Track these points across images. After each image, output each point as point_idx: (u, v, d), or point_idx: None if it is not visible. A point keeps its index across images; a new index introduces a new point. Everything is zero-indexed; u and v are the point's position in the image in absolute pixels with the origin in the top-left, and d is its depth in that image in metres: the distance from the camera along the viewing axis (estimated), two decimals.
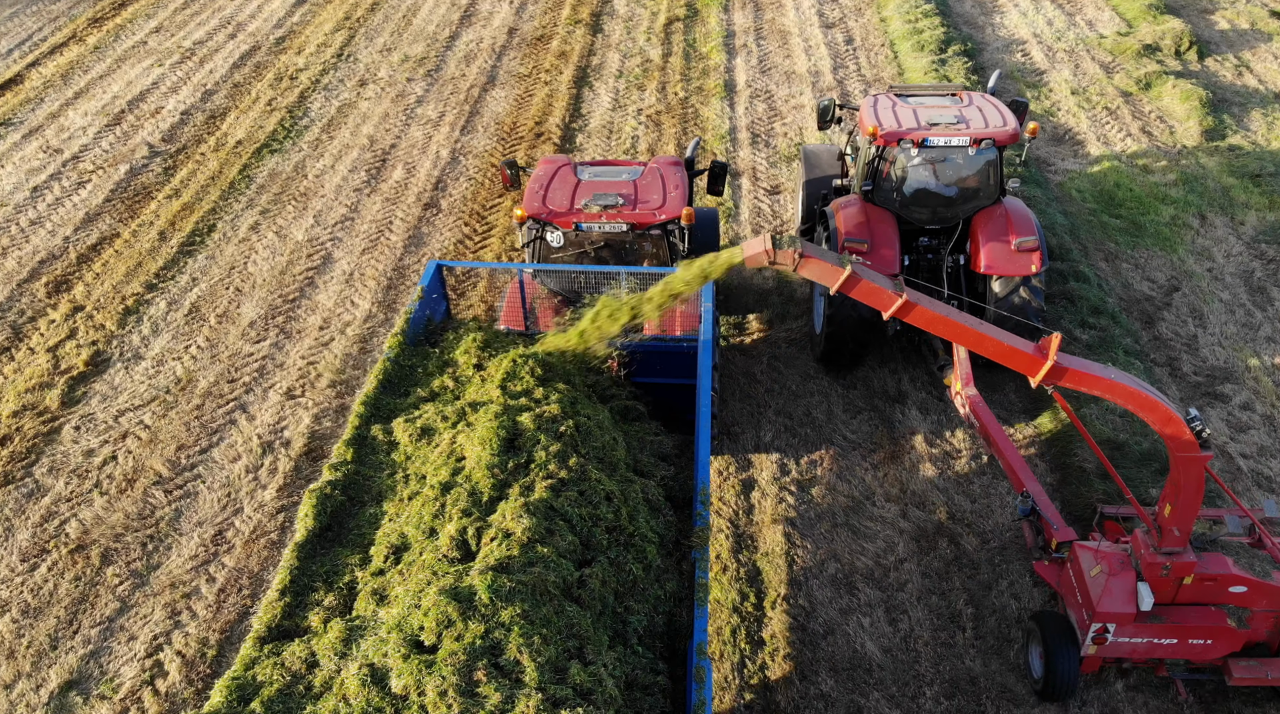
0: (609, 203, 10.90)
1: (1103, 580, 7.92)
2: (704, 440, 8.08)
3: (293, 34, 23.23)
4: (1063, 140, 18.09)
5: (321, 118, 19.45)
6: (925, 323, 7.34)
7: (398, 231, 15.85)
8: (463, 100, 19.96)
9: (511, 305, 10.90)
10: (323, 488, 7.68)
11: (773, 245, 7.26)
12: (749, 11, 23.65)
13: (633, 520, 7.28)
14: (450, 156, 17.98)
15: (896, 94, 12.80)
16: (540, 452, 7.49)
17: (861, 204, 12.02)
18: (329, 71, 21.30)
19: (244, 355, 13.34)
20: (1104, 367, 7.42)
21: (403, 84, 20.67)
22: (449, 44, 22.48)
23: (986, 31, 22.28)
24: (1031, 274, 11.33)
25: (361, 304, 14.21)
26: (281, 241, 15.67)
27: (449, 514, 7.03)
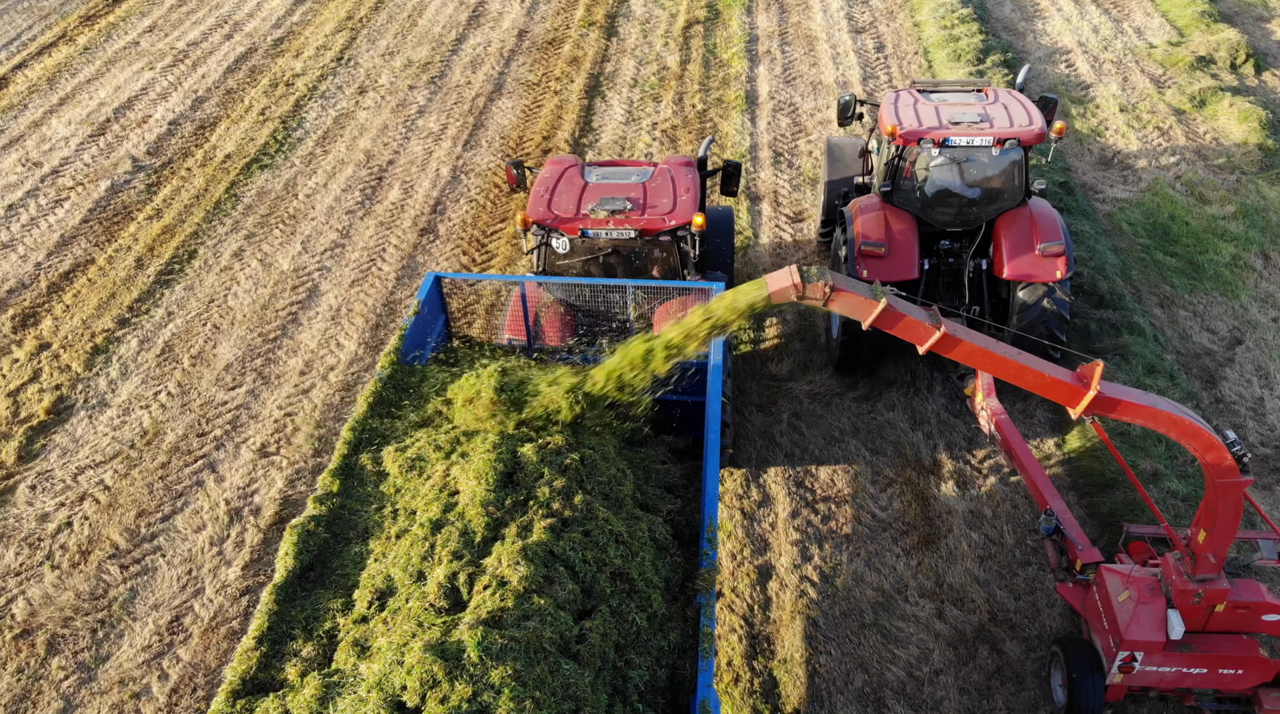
0: (617, 208, 10.35)
1: (1131, 606, 7.64)
2: (712, 473, 7.54)
3: (292, 35, 22.07)
4: (1111, 163, 16.72)
5: (317, 129, 18.30)
6: (964, 356, 6.97)
7: (391, 260, 14.71)
8: (467, 111, 18.76)
9: (514, 316, 10.26)
10: (305, 524, 7.14)
11: (801, 278, 6.75)
12: (773, 14, 22.29)
13: (638, 564, 6.81)
14: (451, 174, 16.81)
15: (919, 90, 12.26)
16: (542, 487, 7.01)
17: (881, 205, 11.49)
18: (327, 77, 20.14)
19: (217, 404, 12.27)
20: (1145, 394, 7.07)
21: (404, 92, 19.48)
22: (455, 47, 21.26)
23: (1028, 39, 20.85)
24: (1057, 281, 10.82)
25: (347, 345, 13.10)
26: (265, 271, 14.57)
27: (438, 556, 6.58)
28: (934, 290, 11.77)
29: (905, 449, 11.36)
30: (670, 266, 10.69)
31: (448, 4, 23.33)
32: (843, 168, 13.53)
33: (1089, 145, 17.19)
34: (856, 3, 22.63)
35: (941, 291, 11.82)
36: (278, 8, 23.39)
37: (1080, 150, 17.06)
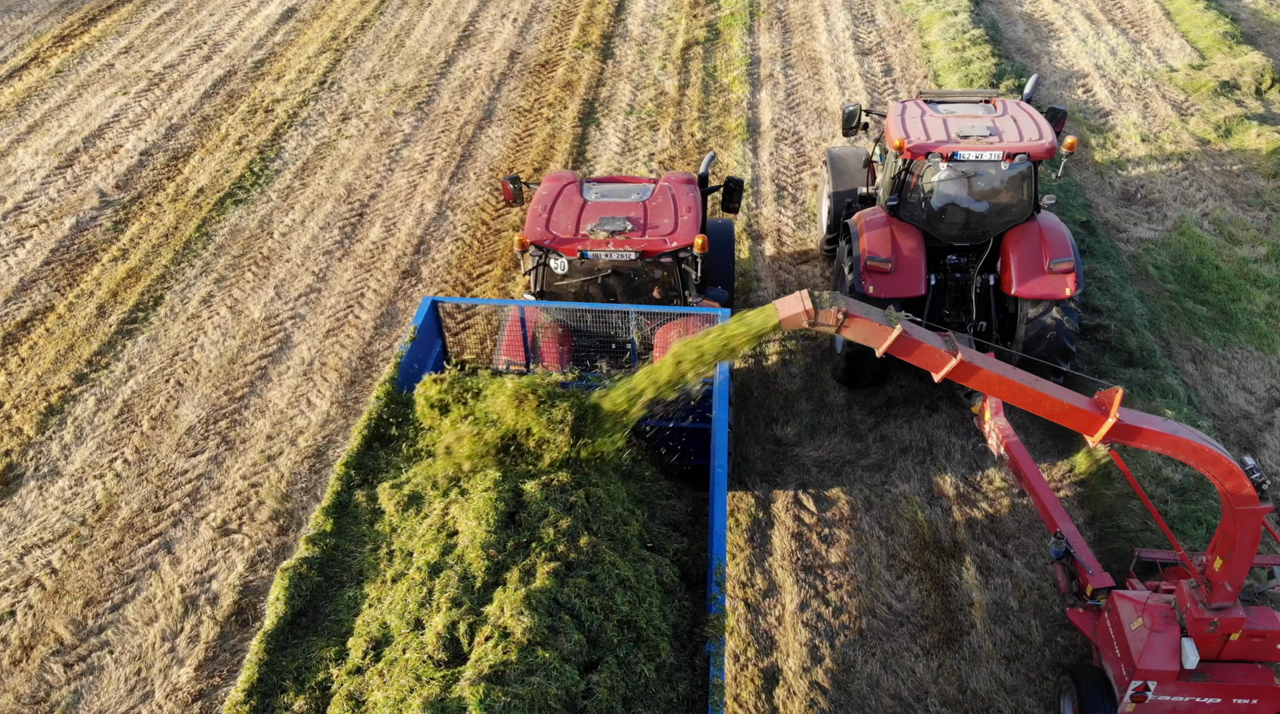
0: (616, 228, 10.11)
1: (1144, 635, 7.45)
2: (720, 510, 7.22)
3: (273, 56, 21.14)
4: (1134, 199, 15.80)
5: (296, 160, 17.39)
6: (981, 384, 6.80)
7: (369, 307, 13.79)
8: (454, 140, 17.85)
9: (511, 340, 10.07)
10: (297, 566, 6.79)
11: (813, 304, 6.57)
12: (776, 34, 21.37)
13: (646, 610, 6.50)
14: (436, 210, 15.89)
15: (926, 100, 12.05)
16: (546, 528, 6.70)
17: (887, 219, 11.31)
18: (309, 103, 19.21)
19: (176, 473, 11.35)
20: (1164, 420, 6.93)
21: (389, 119, 18.56)
22: (443, 70, 20.34)
23: (1042, 61, 19.93)
24: (1066, 298, 10.64)
25: (319, 404, 12.18)
26: (235, 320, 13.65)
27: (437, 603, 6.26)
28: (940, 306, 11.59)
29: (922, 528, 10.44)
30: (671, 287, 10.43)
31: (436, 23, 22.42)
32: (847, 178, 13.29)
33: (1110, 178, 16.27)
34: (863, 22, 21.72)
35: (948, 307, 11.62)
36: (259, 27, 22.48)
37: (1101, 184, 16.14)
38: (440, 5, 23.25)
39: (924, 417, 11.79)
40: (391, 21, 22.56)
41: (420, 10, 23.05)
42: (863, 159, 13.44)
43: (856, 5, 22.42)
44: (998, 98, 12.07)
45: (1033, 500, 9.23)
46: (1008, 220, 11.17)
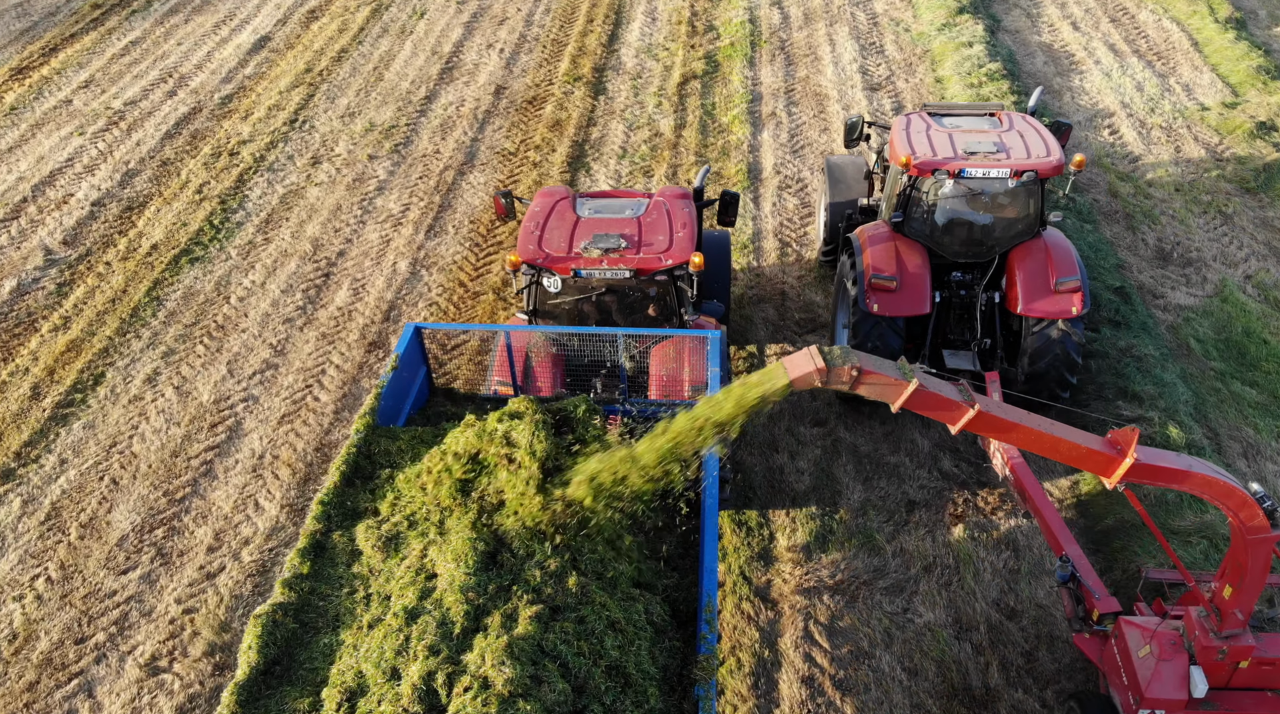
0: (610, 246, 9.92)
1: (1152, 663, 7.40)
2: (710, 544, 6.99)
3: (242, 91, 19.82)
4: (1170, 258, 14.48)
5: (260, 211, 16.07)
6: (997, 432, 6.74)
7: (330, 387, 12.48)
8: (433, 188, 16.53)
9: (501, 365, 9.71)
10: (271, 612, 6.51)
11: (824, 362, 6.31)
12: (779, 67, 20.05)
13: (635, 654, 6.21)
14: (410, 269, 14.57)
15: (930, 113, 11.87)
16: (531, 570, 6.44)
17: (891, 234, 11.19)
18: (277, 144, 17.89)
19: (104, 594, 10.03)
20: (1177, 455, 6.86)
21: (363, 164, 17.25)
22: (423, 108, 19.02)
23: (1064, 98, 18.61)
24: (1072, 317, 10.51)
25: (267, 508, 10.87)
26: (181, 403, 12.33)
27: (414, 651, 5.97)
28: (945, 323, 11.45)
29: (949, 669, 9.12)
30: (667, 305, 10.24)
31: (418, 54, 21.10)
32: (845, 188, 13.14)
33: (1143, 234, 14.95)
34: (871, 53, 20.40)
35: (952, 325, 11.46)
36: (229, 58, 21.15)
37: (1134, 241, 14.82)
38: (423, 34, 21.95)
39: (947, 525, 10.49)
40: (370, 52, 21.24)
41: (401, 39, 21.74)
42: (862, 169, 13.21)
43: (864, 34, 21.12)
44: (1003, 111, 11.83)
45: (1038, 522, 9.05)
46: (1014, 237, 11.00)
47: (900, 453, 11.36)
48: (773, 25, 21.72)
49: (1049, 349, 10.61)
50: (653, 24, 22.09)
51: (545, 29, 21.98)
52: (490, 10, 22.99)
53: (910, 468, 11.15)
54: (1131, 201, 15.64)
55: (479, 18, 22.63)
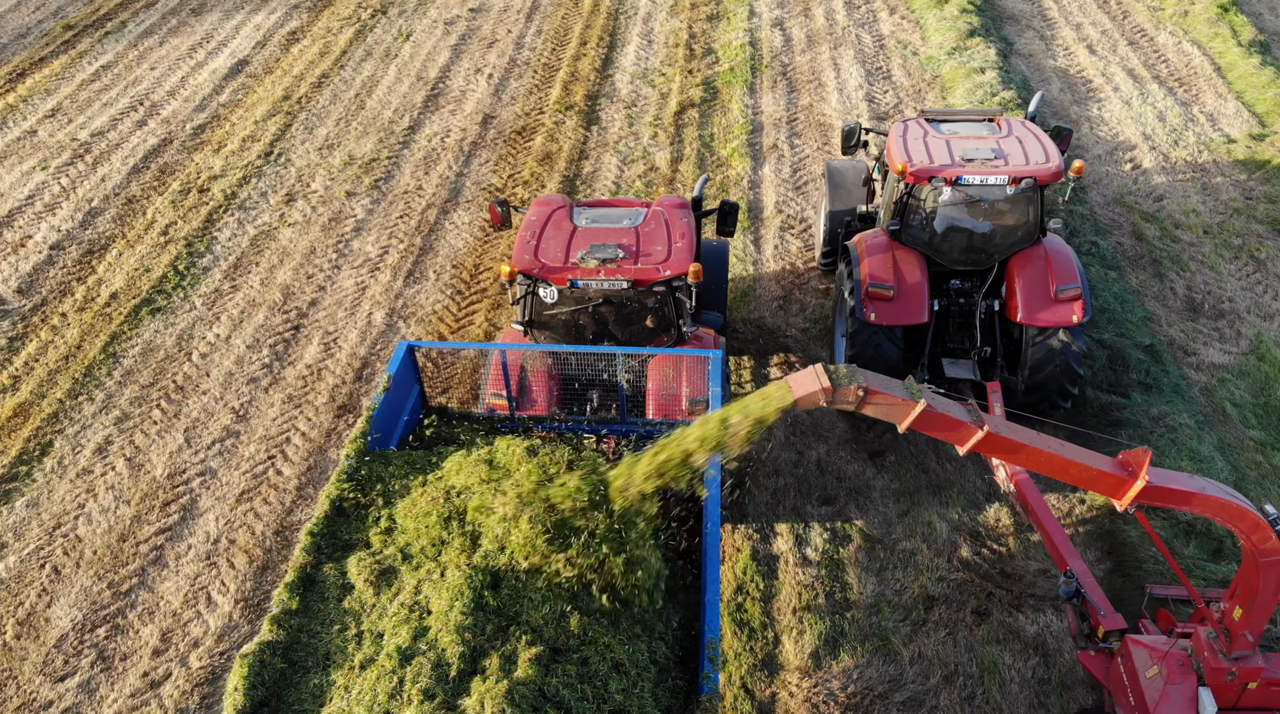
0: (608, 256, 9.75)
1: (1160, 684, 7.26)
2: (712, 580, 6.77)
3: (216, 121, 18.83)
4: (1200, 310, 13.50)
5: (229, 254, 15.09)
6: (1006, 453, 6.65)
7: (294, 459, 11.50)
8: (414, 228, 15.55)
9: (496, 382, 9.47)
10: (259, 651, 6.22)
11: (830, 381, 6.19)
12: (780, 93, 19.07)
13: (638, 696, 6.04)
14: (386, 321, 13.59)
15: (928, 119, 11.77)
16: (532, 611, 6.22)
17: (888, 243, 11.07)
18: (251, 179, 16.91)
19: (38, 706, 9.05)
20: (1189, 476, 6.80)
21: (340, 202, 16.27)
22: (406, 139, 18.04)
23: (1083, 129, 17.62)
24: (1073, 325, 10.39)
25: (220, 604, 9.88)
26: (133, 477, 11.35)
27: (408, 694, 5.77)
28: (943, 332, 11.30)
29: None
30: (665, 316, 10.08)
31: (402, 79, 20.11)
32: (845, 194, 13.02)
33: (1171, 282, 13.96)
34: (878, 79, 19.41)
35: (951, 333, 11.32)
36: (204, 85, 20.15)
37: (1161, 290, 13.83)
38: (408, 58, 20.96)
39: (969, 624, 9.50)
40: (352, 77, 20.25)
41: (385, 64, 20.76)
42: (862, 173, 13.11)
43: (870, 59, 20.14)
44: (1001, 117, 11.69)
45: (1041, 537, 8.95)
46: (1013, 244, 10.87)
47: (916, 537, 10.38)
48: (774, 49, 20.74)
49: (1050, 360, 10.49)
50: (649, 46, 21.12)
51: (536, 52, 21.01)
52: (479, 31, 22.02)
53: (928, 556, 10.17)
54: (1158, 245, 14.66)
55: (467, 39, 21.66)
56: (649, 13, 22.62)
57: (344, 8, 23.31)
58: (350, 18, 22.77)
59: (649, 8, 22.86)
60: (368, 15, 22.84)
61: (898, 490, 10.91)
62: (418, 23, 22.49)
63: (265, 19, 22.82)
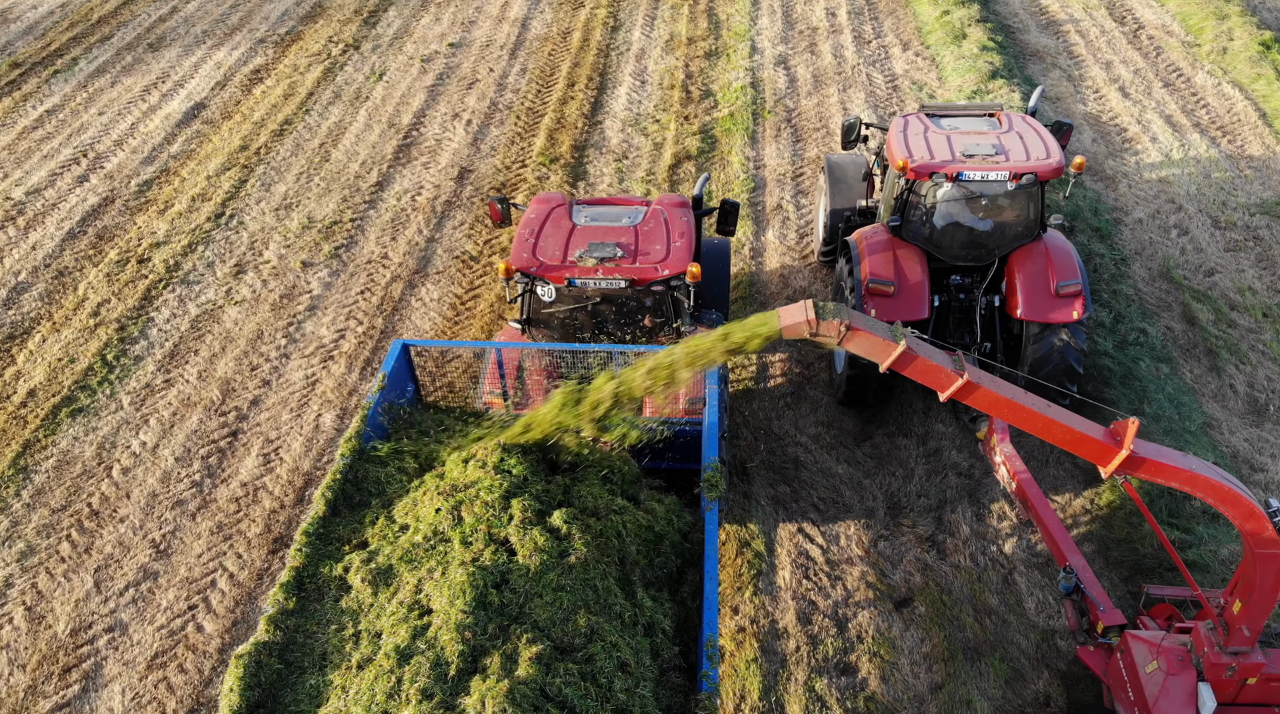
0: (606, 255, 9.81)
1: (1160, 679, 7.22)
2: (711, 575, 6.77)
3: (164, 175, 17.15)
4: (1265, 413, 11.81)
5: (165, 340, 13.41)
6: (988, 406, 6.68)
7: (219, 608, 9.83)
8: (376, 306, 13.88)
9: (493, 378, 9.53)
10: (254, 652, 6.14)
11: (815, 314, 6.47)
12: (784, 143, 17.39)
13: (640, 696, 5.93)
14: (336, 424, 11.93)
15: (928, 114, 11.74)
16: (539, 608, 6.14)
17: (889, 238, 11.08)
18: (197, 247, 15.24)
19: None
20: (1184, 455, 6.72)
21: (295, 273, 14.59)
22: (374, 196, 16.36)
23: (1120, 186, 15.92)
24: (1073, 321, 10.43)
25: None
26: (32, 633, 9.68)
27: (406, 694, 5.67)
28: (944, 328, 11.29)
29: None
30: (663, 315, 10.10)
31: (373, 125, 18.43)
32: (845, 188, 12.96)
33: (1230, 378, 12.27)
34: None
35: (952, 329, 11.31)
36: (155, 132, 18.47)
37: (1219, 387, 12.14)
38: (379, 100, 19.29)
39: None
40: (318, 123, 18.56)
41: (354, 107, 19.08)
42: (862, 169, 13.07)
43: (883, 101, 18.46)
44: (1002, 112, 11.65)
45: (1041, 533, 8.99)
46: (1013, 240, 10.89)
47: None
48: (778, 90, 19.06)
49: (1049, 359, 10.51)
50: (642, 88, 19.44)
51: (520, 94, 19.33)
52: (459, 70, 20.35)
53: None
54: (1212, 332, 12.96)
55: (445, 79, 19.99)
56: (643, 49, 20.95)
57: (314, 42, 21.65)
58: (320, 54, 21.10)
59: (643, 43, 21.20)
60: (339, 51, 21.17)
61: (929, 654, 9.25)
62: (392, 60, 20.81)
63: (227, 55, 21.15)
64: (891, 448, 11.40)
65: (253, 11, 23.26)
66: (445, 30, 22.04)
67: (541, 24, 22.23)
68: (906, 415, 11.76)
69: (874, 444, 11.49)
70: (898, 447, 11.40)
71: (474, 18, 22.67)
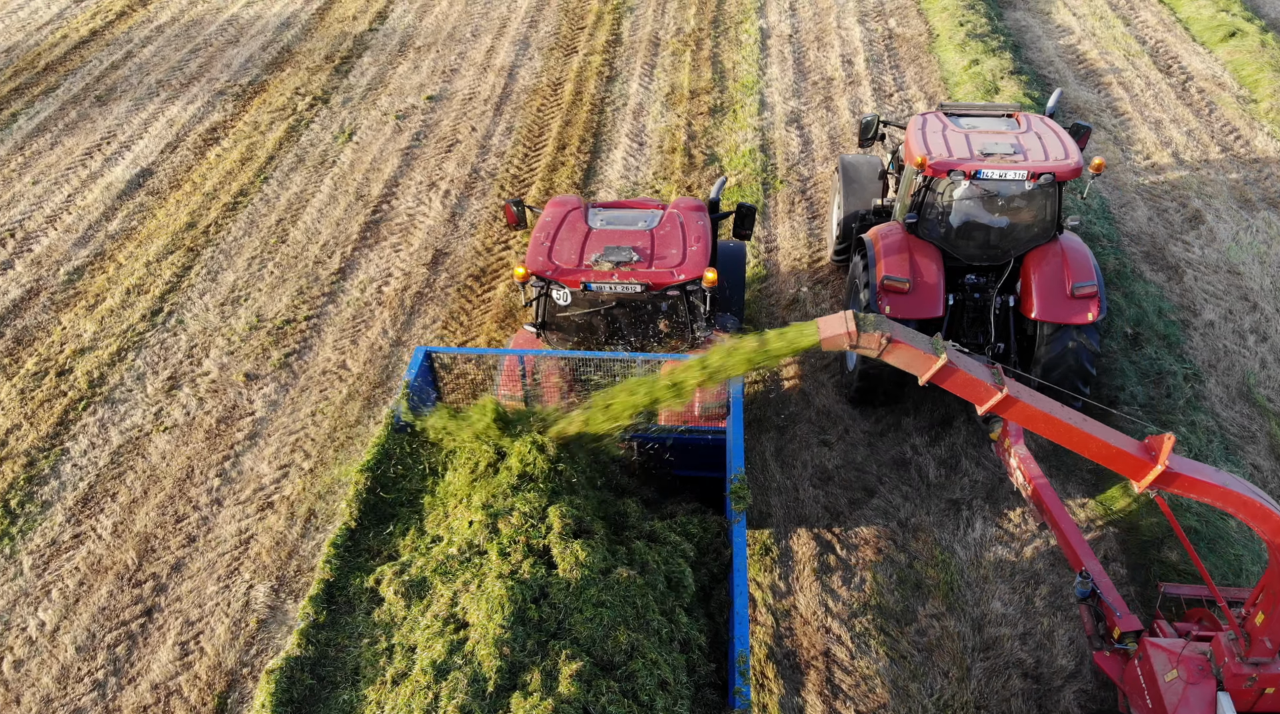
0: (622, 259, 9.72)
1: (1179, 688, 7.18)
2: (740, 588, 6.66)
3: (99, 260, 15.17)
4: None
5: (79, 480, 11.45)
6: (1025, 420, 6.75)
7: None
8: (327, 435, 11.92)
9: (509, 376, 9.42)
10: (286, 667, 6.15)
11: (856, 326, 6.52)
12: (800, 220, 15.42)
13: (680, 713, 5.96)
14: (271, 599, 9.97)
15: (947, 113, 11.81)
16: (579, 623, 6.13)
17: (904, 236, 11.02)
18: (127, 354, 13.27)
19: None
20: (1216, 470, 6.82)
21: (237, 389, 12.62)
22: (334, 287, 14.40)
23: (1186, 278, 13.94)
24: (1088, 323, 10.34)
25: None
26: None
27: (444, 710, 5.61)
28: (958, 327, 11.27)
29: None
30: (679, 320, 10.06)
31: (338, 198, 16.46)
32: (859, 187, 13.01)
33: None
34: None
35: (965, 328, 11.28)
36: (94, 205, 16.48)
37: None
38: (348, 166, 17.32)
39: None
40: (277, 194, 16.57)
41: (319, 174, 17.11)
42: (877, 168, 13.08)
43: None
44: (1020, 112, 11.71)
45: (1056, 536, 9.01)
46: (1030, 241, 10.91)
47: None
48: (790, 155, 17.10)
49: (1063, 360, 10.48)
50: (640, 151, 17.48)
51: (505, 159, 17.36)
52: (437, 128, 18.38)
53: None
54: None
55: (422, 140, 18.02)
56: (640, 103, 18.98)
57: (278, 95, 19.67)
58: (284, 109, 19.12)
59: (641, 96, 19.23)
60: (305, 106, 19.19)
61: None
62: (364, 116, 18.84)
63: (181, 111, 19.17)
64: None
65: (214, 58, 21.30)
66: (424, 80, 20.08)
67: (530, 74, 20.27)
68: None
69: None
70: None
71: (456, 65, 20.72)
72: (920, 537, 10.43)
